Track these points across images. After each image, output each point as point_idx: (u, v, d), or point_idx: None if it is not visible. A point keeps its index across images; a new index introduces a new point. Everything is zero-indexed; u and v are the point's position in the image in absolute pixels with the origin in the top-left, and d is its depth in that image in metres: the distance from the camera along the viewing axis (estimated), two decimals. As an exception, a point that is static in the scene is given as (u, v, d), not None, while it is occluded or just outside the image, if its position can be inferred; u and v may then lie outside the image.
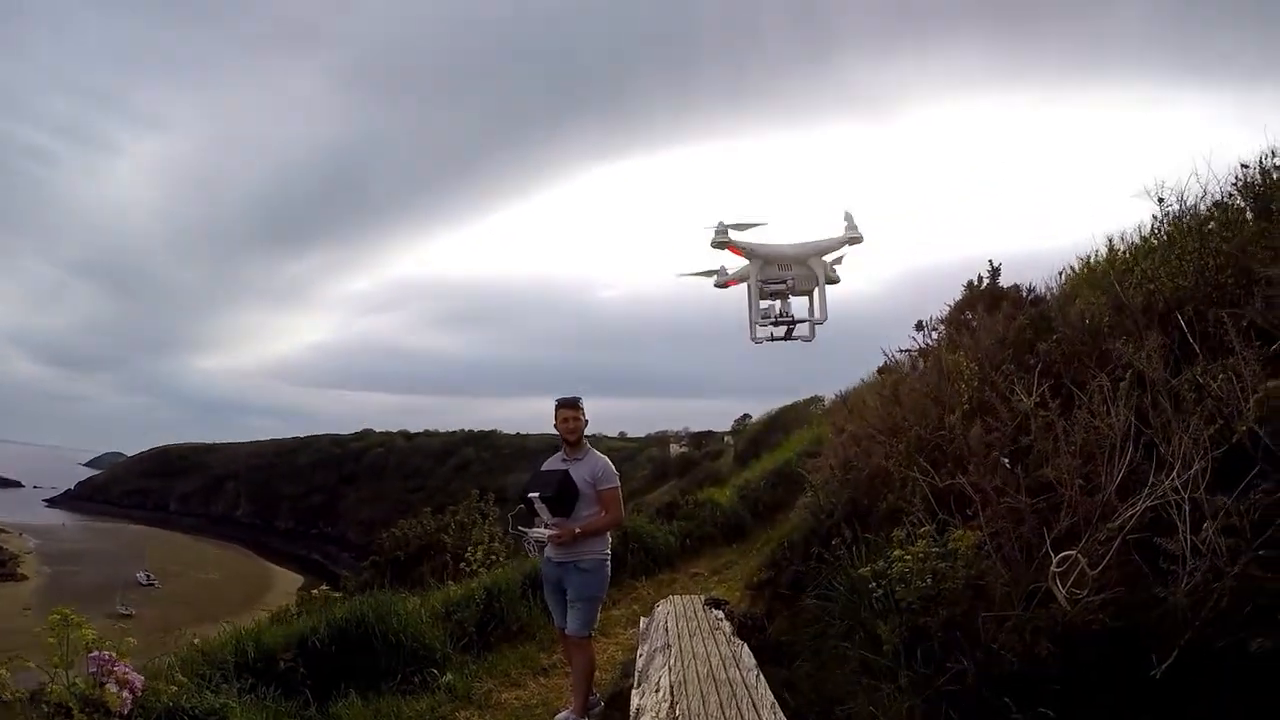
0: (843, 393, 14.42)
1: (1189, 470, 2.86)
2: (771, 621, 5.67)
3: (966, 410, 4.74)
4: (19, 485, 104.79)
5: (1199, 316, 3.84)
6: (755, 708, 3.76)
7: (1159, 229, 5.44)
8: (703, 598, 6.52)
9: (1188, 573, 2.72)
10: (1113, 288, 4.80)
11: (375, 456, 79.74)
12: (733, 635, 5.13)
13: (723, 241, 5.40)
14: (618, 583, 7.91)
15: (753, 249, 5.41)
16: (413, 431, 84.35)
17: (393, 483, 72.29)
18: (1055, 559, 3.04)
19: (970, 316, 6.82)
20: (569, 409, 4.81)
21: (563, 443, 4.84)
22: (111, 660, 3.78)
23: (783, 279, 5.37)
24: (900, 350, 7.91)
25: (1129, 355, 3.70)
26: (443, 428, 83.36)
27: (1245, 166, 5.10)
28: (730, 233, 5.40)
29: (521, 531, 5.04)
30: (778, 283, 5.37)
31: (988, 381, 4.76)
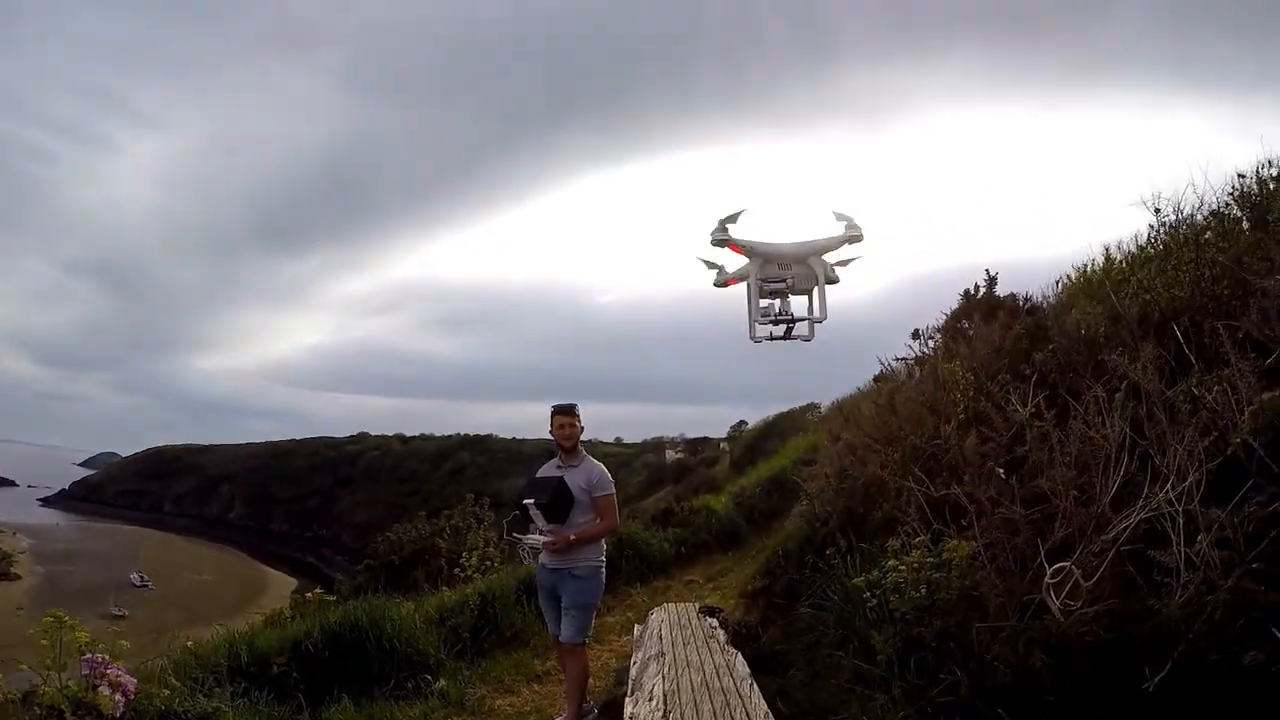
0: (839, 400, 14.44)
1: (1184, 482, 2.86)
2: (766, 630, 5.66)
3: (962, 420, 4.75)
4: (13, 484, 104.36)
5: (1195, 327, 3.84)
6: (748, 717, 3.76)
7: (1155, 239, 5.45)
8: (697, 605, 6.52)
9: (1181, 585, 2.72)
10: (1109, 298, 4.81)
11: (370, 460, 79.60)
12: (726, 644, 5.13)
13: (722, 239, 5.40)
14: (612, 589, 7.90)
15: (752, 247, 5.40)
16: (408, 435, 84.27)
17: (388, 486, 72.13)
18: (1049, 570, 3.04)
19: (966, 325, 6.82)
20: (564, 415, 4.80)
21: (558, 449, 4.83)
22: (104, 663, 3.77)
23: (783, 278, 5.36)
24: (896, 359, 7.93)
25: (1124, 367, 3.71)
26: (438, 431, 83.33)
27: (1242, 176, 5.11)
28: (728, 229, 5.39)
29: (516, 538, 5.03)
30: (778, 281, 5.36)
31: (983, 391, 4.77)
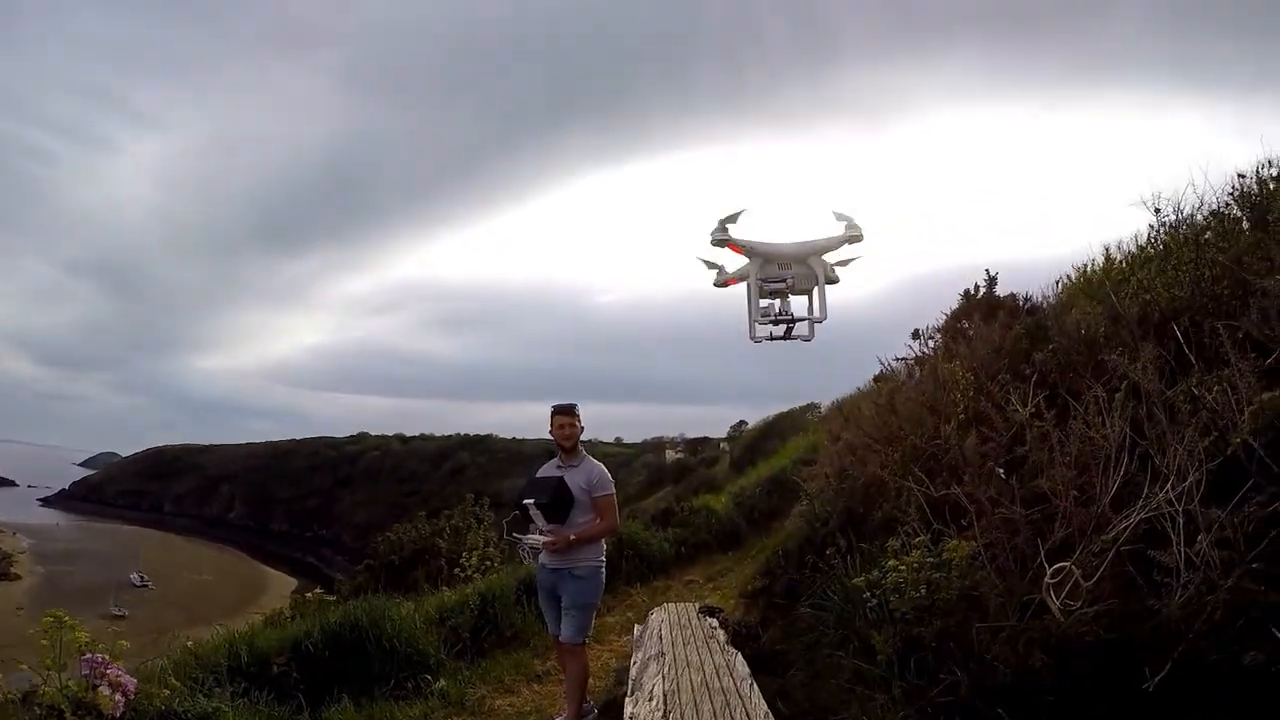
0: (839, 400, 14.43)
1: (1184, 482, 2.86)
2: (766, 630, 5.66)
3: (962, 420, 4.75)
4: (13, 484, 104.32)
5: (1195, 327, 3.84)
6: (748, 717, 3.76)
7: (1155, 239, 5.45)
8: (697, 606, 6.52)
9: (1181, 585, 2.72)
10: (1109, 298, 4.80)
11: (370, 460, 79.59)
12: (727, 644, 5.13)
13: (722, 239, 5.39)
14: (612, 589, 7.90)
15: (752, 247, 5.39)
16: (408, 435, 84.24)
17: (388, 486, 72.10)
18: (1049, 570, 3.04)
19: (967, 325, 6.82)
20: (564, 415, 4.80)
21: (558, 449, 4.84)
22: (104, 663, 3.77)
23: (782, 277, 5.35)
24: (896, 359, 7.92)
25: (1124, 367, 3.71)
26: (438, 431, 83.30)
27: (1242, 176, 5.11)
28: (728, 229, 5.38)
29: (516, 538, 5.03)
30: (778, 281, 5.35)
31: (983, 391, 4.77)
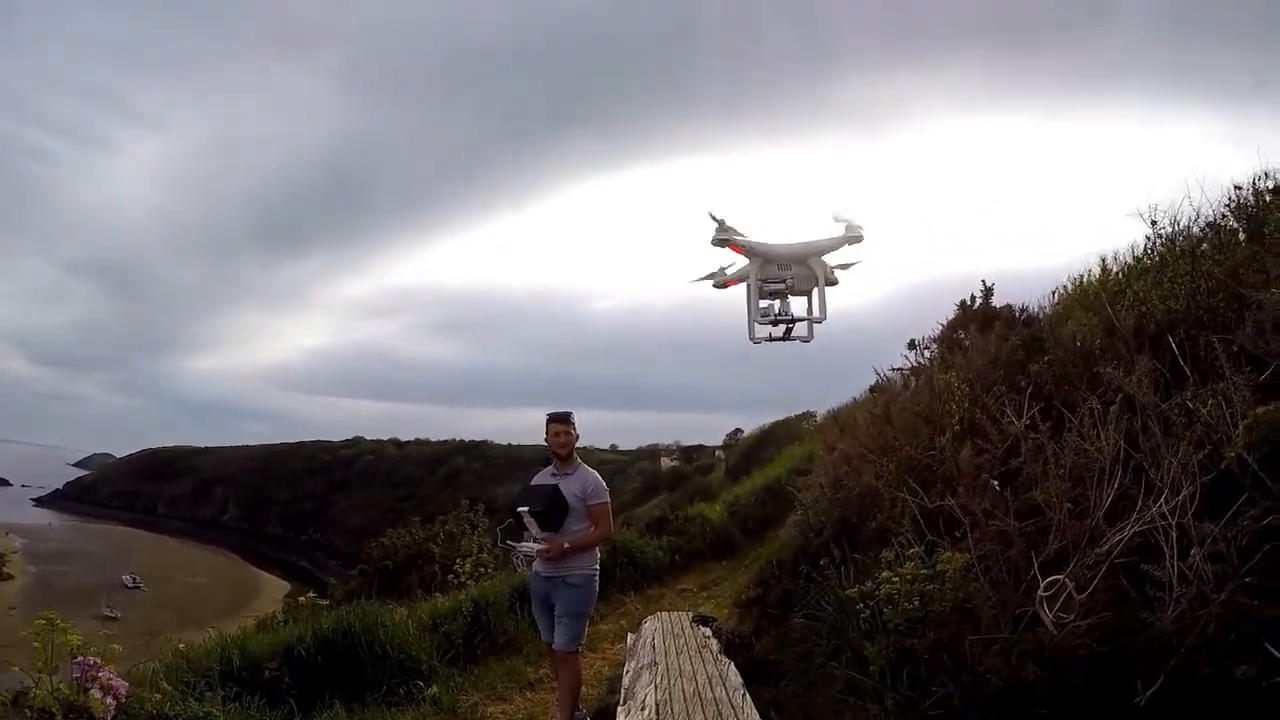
0: (835, 410, 14.44)
1: (1177, 496, 2.87)
2: (759, 640, 5.65)
3: (957, 431, 4.75)
4: (7, 484, 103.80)
5: (1190, 340, 3.85)
6: (741, 727, 3.74)
7: (1151, 250, 5.47)
8: (690, 614, 6.50)
9: (1174, 599, 2.73)
10: (1104, 309, 4.81)
11: (366, 464, 79.28)
12: (720, 653, 5.11)
13: (723, 240, 5.39)
14: (605, 598, 7.88)
15: (752, 247, 5.40)
16: (404, 440, 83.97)
17: (383, 491, 71.76)
18: (1043, 583, 3.04)
19: (963, 336, 6.84)
20: (560, 423, 4.79)
21: (553, 456, 4.83)
22: (96, 665, 3.75)
23: (782, 278, 5.35)
24: (892, 369, 7.93)
25: (1119, 379, 3.71)
26: (434, 436, 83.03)
27: (1239, 188, 5.13)
28: (729, 230, 5.38)
29: (510, 545, 5.01)
30: (777, 282, 5.35)
31: (979, 403, 4.78)
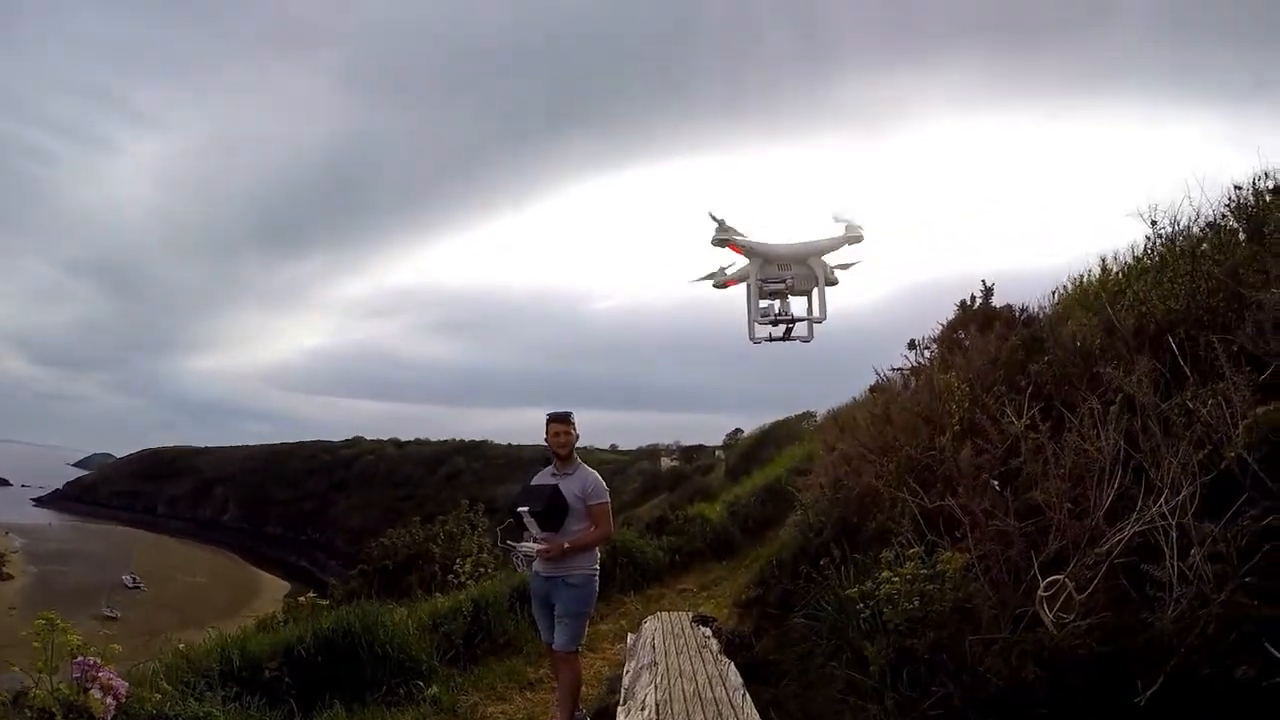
0: (835, 410, 14.44)
1: (1177, 496, 2.87)
2: (759, 640, 5.65)
3: (957, 431, 4.75)
4: (7, 484, 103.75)
5: (1190, 340, 3.85)
6: (741, 727, 3.74)
7: (1151, 250, 5.46)
8: (690, 614, 6.50)
9: (1174, 599, 2.72)
10: (1104, 309, 4.81)
11: (366, 464, 79.25)
12: (720, 653, 5.11)
13: (723, 240, 5.39)
14: (606, 598, 7.88)
15: (752, 247, 5.39)
16: (404, 440, 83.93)
17: (382, 491, 71.71)
18: (1043, 583, 3.04)
19: (963, 336, 6.84)
20: (560, 423, 4.79)
21: (553, 456, 4.83)
22: (96, 665, 3.75)
23: (782, 278, 5.35)
24: (892, 369, 7.93)
25: (1119, 379, 3.71)
26: (434, 436, 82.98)
27: (1238, 188, 5.13)
28: (729, 230, 5.38)
29: (510, 545, 5.01)
30: (777, 282, 5.35)
31: (978, 403, 4.77)
